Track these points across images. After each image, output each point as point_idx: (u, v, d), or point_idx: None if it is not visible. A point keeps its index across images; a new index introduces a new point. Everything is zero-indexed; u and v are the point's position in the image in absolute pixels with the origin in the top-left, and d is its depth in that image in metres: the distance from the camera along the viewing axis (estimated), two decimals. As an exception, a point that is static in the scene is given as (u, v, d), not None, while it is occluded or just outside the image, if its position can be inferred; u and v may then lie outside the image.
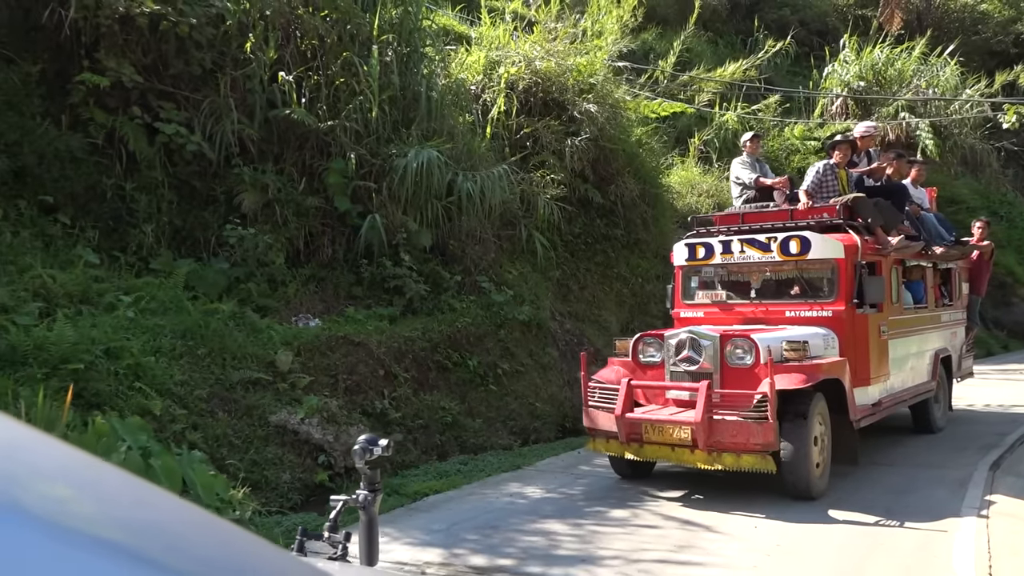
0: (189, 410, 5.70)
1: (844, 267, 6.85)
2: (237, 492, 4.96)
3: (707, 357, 6.19)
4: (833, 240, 6.94)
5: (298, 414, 6.32)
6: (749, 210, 7.97)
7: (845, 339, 6.75)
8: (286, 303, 8.00)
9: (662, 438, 6.05)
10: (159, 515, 0.60)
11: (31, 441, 0.59)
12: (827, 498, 5.96)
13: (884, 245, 7.34)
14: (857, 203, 7.43)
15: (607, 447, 6.47)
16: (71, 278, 6.15)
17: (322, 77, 9.09)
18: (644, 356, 6.63)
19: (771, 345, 6.03)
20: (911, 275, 8.47)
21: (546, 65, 11.41)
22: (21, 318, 5.47)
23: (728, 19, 24.05)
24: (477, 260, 9.40)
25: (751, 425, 5.66)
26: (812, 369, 5.95)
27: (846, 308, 6.82)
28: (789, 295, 7.25)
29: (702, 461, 5.90)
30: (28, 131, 7.51)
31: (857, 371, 6.67)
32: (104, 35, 8.07)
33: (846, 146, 8.07)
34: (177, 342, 6.14)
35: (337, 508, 1.89)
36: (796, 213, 7.41)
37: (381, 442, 1.91)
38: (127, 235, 7.69)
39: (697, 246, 7.60)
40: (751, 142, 8.97)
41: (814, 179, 7.84)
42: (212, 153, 8.30)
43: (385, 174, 8.84)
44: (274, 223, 8.42)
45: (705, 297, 7.69)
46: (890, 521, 5.42)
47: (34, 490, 0.53)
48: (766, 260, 7.23)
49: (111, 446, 4.30)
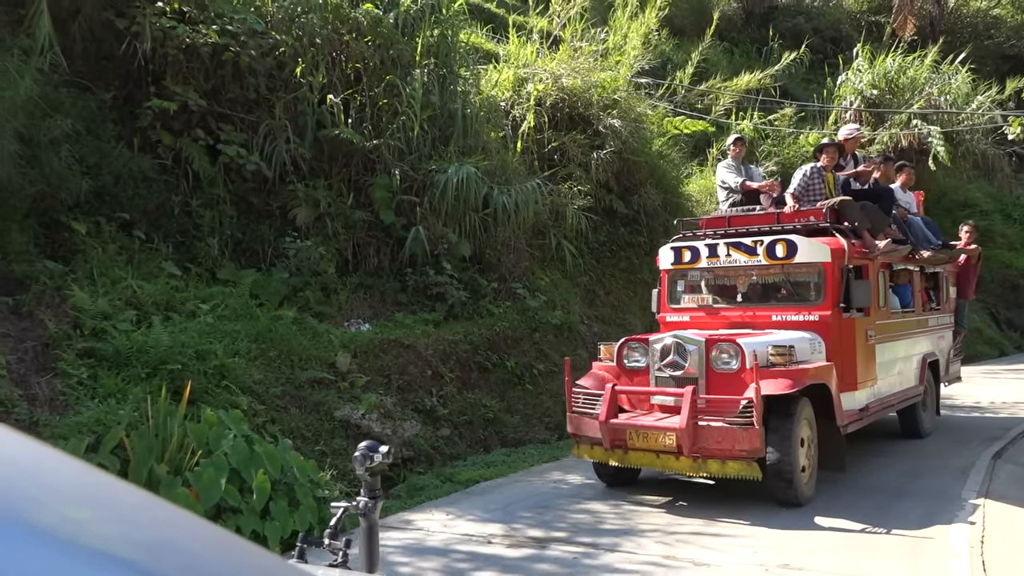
0: (267, 406, 6.38)
1: (831, 271, 6.77)
2: (324, 475, 5.66)
3: (692, 362, 6.11)
4: (820, 243, 6.85)
5: (359, 410, 6.98)
6: (735, 213, 7.91)
7: (832, 343, 6.68)
8: (339, 309, 8.68)
9: (647, 444, 5.94)
10: (175, 533, 0.61)
11: (55, 463, 0.60)
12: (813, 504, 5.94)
13: (871, 248, 7.29)
14: (844, 206, 7.39)
15: (591, 453, 6.36)
16: (156, 288, 6.84)
17: (366, 98, 9.78)
18: (629, 361, 6.53)
19: (757, 350, 5.95)
20: (898, 279, 8.44)
21: (572, 82, 12.05)
22: (120, 324, 6.17)
23: (743, 28, 24.62)
24: (511, 268, 10.05)
25: (737, 431, 5.59)
26: (798, 374, 5.88)
27: (833, 312, 6.74)
28: (775, 299, 7.21)
29: (687, 468, 5.84)
30: (105, 154, 8.22)
31: (844, 376, 6.60)
32: (170, 64, 8.79)
33: (833, 149, 8.02)
34: (251, 345, 6.82)
35: (338, 515, 1.88)
36: (783, 216, 7.36)
37: (381, 449, 1.90)
38: (194, 248, 8.39)
39: (683, 250, 7.51)
40: (735, 145, 8.90)
41: (801, 182, 7.78)
42: (269, 171, 9.00)
43: (426, 189, 9.50)
44: (325, 235, 9.09)
45: (691, 301, 7.60)
46: (877, 528, 5.39)
47: (56, 512, 0.54)
48: (752, 264, 7.12)
49: (221, 434, 4.98)
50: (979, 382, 11.20)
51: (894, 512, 5.76)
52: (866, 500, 6.11)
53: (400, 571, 4.58)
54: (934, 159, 16.93)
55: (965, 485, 6.49)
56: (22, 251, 7.03)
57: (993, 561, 4.76)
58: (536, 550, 5.03)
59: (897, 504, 6.01)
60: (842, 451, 6.43)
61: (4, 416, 5.07)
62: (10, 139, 6.92)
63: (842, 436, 6.36)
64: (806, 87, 22.05)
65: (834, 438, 6.31)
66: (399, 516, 5.73)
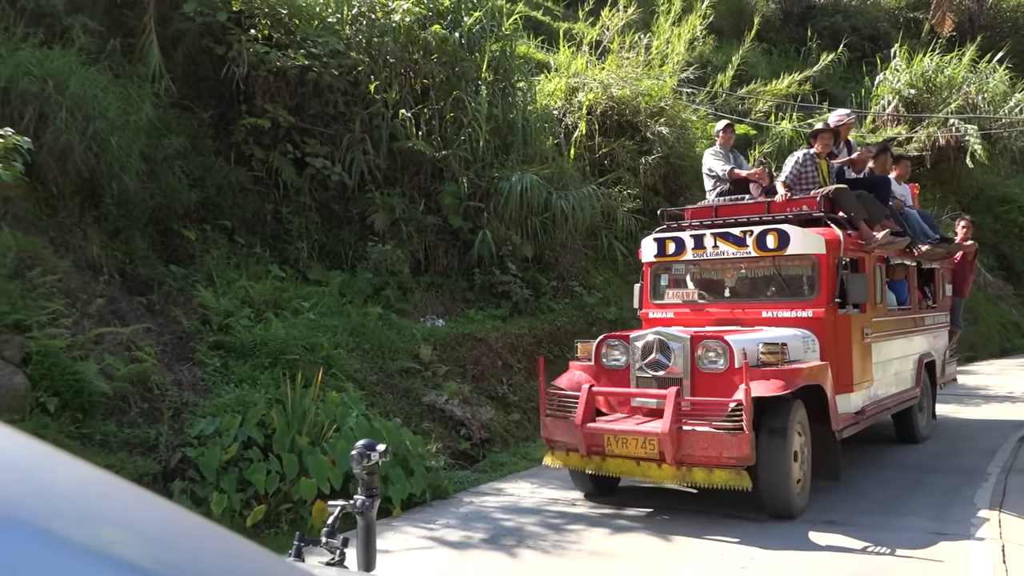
0: (366, 391, 7.26)
1: (825, 263, 6.30)
2: (431, 447, 6.54)
3: (676, 361, 5.66)
4: (814, 234, 6.39)
5: (443, 396, 7.84)
6: (723, 203, 7.48)
7: (826, 342, 6.24)
8: (414, 306, 9.55)
9: (626, 451, 5.46)
10: (171, 530, 0.62)
11: (48, 460, 0.61)
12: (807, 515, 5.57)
13: (868, 240, 6.82)
14: (839, 195, 6.95)
15: (567, 460, 5.85)
16: (265, 288, 7.76)
17: (434, 111, 10.63)
18: (608, 360, 6.07)
19: (747, 348, 5.55)
20: (894, 274, 7.95)
21: (621, 92, 12.79)
22: (240, 321, 7.09)
23: (781, 28, 25.02)
24: (568, 267, 10.85)
25: (724, 436, 5.12)
26: (791, 374, 5.42)
27: (827, 308, 6.29)
28: (766, 294, 6.78)
29: (670, 477, 5.39)
30: (208, 168, 9.17)
31: (839, 376, 6.16)
32: (260, 84, 9.72)
33: (828, 134, 7.51)
34: (348, 338, 7.70)
35: (335, 513, 1.87)
36: (774, 206, 6.95)
37: (379, 447, 1.90)
38: (285, 251, 9.31)
39: (667, 241, 7.04)
40: (724, 132, 8.45)
41: (793, 169, 7.31)
42: (349, 180, 9.90)
43: (491, 195, 10.33)
44: (400, 239, 9.97)
45: (675, 296, 7.08)
46: (879, 548, 4.88)
47: (54, 511, 0.55)
48: (741, 256, 6.66)
49: (345, 412, 5.87)
50: (1015, 374, 11.71)
51: (895, 528, 5.29)
52: (863, 513, 5.66)
53: (505, 524, 5.44)
54: (971, 157, 17.34)
55: (975, 496, 6.05)
56: (145, 256, 8.00)
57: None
58: (615, 509, 5.85)
59: (898, 518, 5.53)
60: (837, 458, 6.02)
61: (159, 398, 6.01)
62: (136, 158, 7.87)
63: (837, 442, 5.95)
64: (844, 85, 22.45)
65: (828, 444, 5.90)
66: (491, 485, 6.61)
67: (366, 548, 1.85)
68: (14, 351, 5.24)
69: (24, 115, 7.12)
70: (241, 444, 5.46)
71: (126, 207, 7.89)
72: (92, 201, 7.71)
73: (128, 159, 7.73)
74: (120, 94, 7.99)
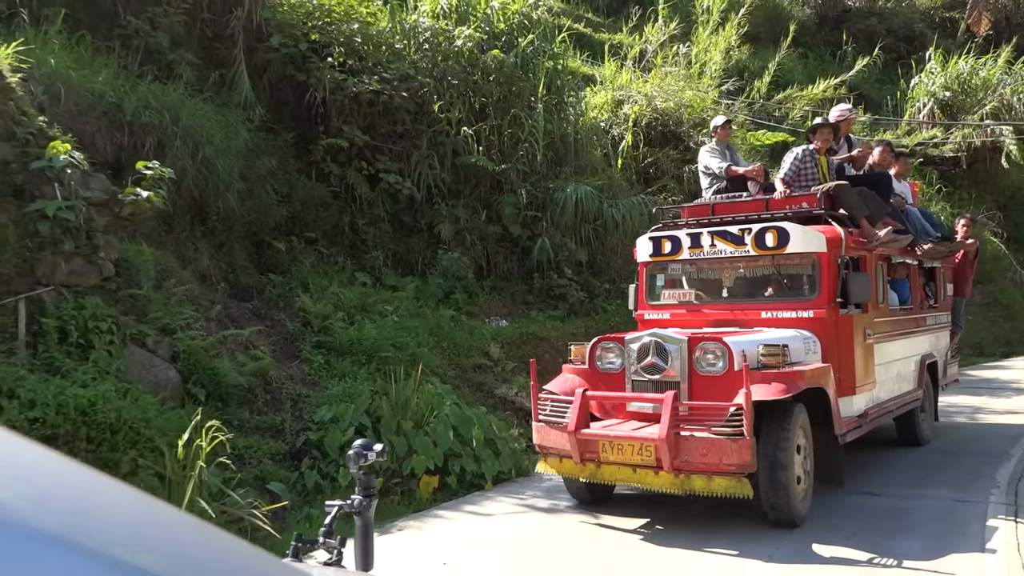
0: (448, 385, 8.13)
1: (826, 262, 6.11)
2: (513, 431, 7.40)
3: (673, 364, 5.47)
4: (814, 232, 6.22)
5: (513, 389, 8.68)
6: (720, 200, 7.31)
7: (828, 343, 6.06)
8: (480, 308, 10.42)
9: (621, 458, 5.28)
10: (166, 528, 0.63)
11: (38, 458, 0.61)
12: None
13: (870, 238, 6.64)
14: (840, 191, 6.77)
15: (560, 467, 5.69)
16: (353, 293, 8.68)
17: (493, 128, 11.50)
18: (603, 363, 5.88)
19: (746, 350, 5.35)
20: (896, 273, 7.76)
21: (665, 104, 13.55)
22: (336, 323, 8.01)
23: (816, 32, 25.40)
24: (619, 270, 11.64)
25: (724, 442, 4.94)
26: (793, 377, 5.25)
27: (829, 308, 6.10)
28: (765, 294, 6.64)
29: (668, 484, 5.17)
30: (293, 185, 10.14)
31: (842, 379, 6.00)
32: (336, 107, 10.67)
33: (828, 130, 7.31)
34: (429, 338, 8.58)
35: (332, 513, 1.87)
36: (772, 203, 6.75)
37: (376, 447, 1.90)
38: (362, 259, 10.24)
39: (663, 240, 6.84)
40: (722, 128, 8.33)
41: (792, 166, 7.13)
42: (418, 194, 10.80)
43: (547, 205, 11.17)
44: (464, 246, 10.85)
45: (672, 297, 6.88)
46: (886, 560, 4.72)
47: (50, 511, 0.56)
48: (739, 255, 6.47)
49: (440, 401, 6.74)
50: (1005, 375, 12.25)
51: (902, 536, 5.15)
52: (868, 521, 5.50)
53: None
54: (1007, 157, 17.76)
55: (987, 504, 5.84)
56: (244, 267, 8.97)
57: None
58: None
59: (903, 527, 5.37)
60: (840, 463, 5.88)
61: (278, 390, 6.94)
62: (236, 179, 8.84)
63: (840, 446, 5.78)
64: (880, 87, 22.82)
65: (831, 449, 5.73)
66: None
67: (364, 548, 1.86)
68: (165, 350, 6.20)
69: (145, 143, 8.11)
70: (354, 429, 6.35)
71: (228, 223, 8.86)
72: (200, 218, 8.69)
73: (231, 180, 8.70)
74: (221, 121, 8.97)
